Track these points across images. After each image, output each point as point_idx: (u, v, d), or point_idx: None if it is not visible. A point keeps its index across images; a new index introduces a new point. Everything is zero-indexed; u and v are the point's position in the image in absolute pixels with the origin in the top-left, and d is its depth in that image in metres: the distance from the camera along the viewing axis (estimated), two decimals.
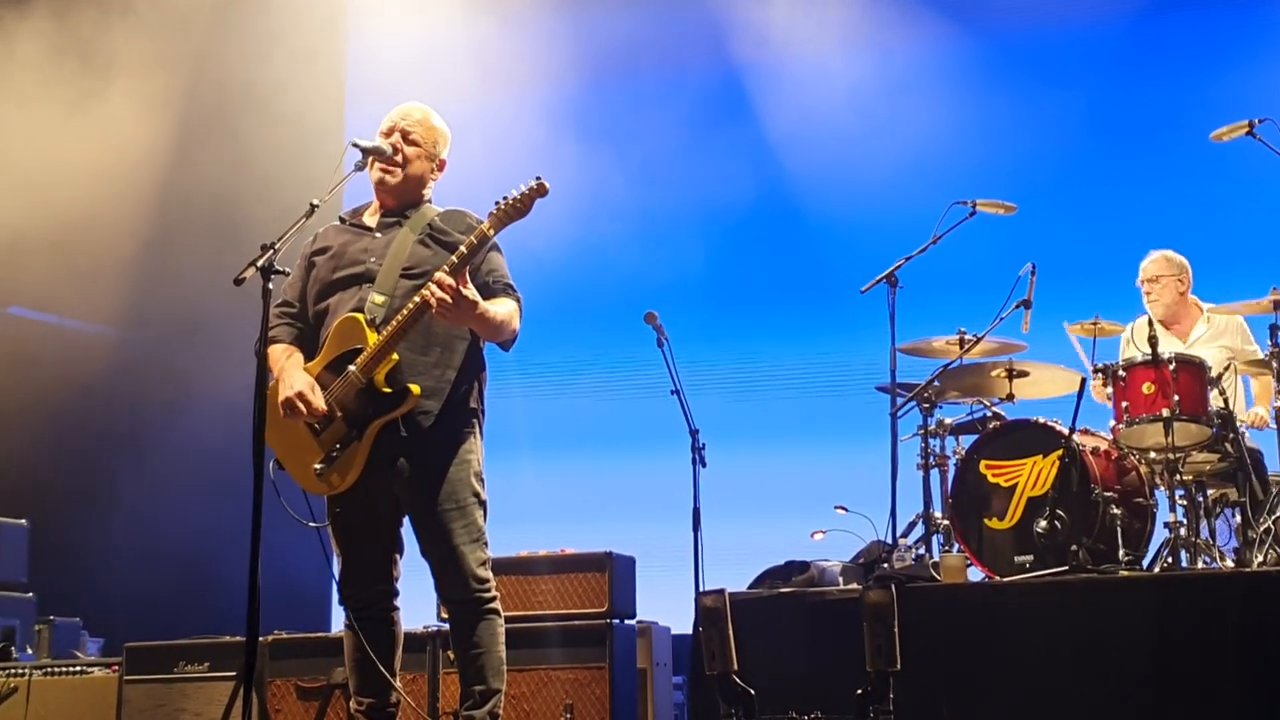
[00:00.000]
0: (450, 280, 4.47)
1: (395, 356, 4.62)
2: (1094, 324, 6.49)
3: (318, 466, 4.67)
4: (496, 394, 4.96)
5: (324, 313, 4.81)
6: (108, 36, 8.30)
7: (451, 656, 5.96)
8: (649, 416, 7.91)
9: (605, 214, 9.42)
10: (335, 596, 4.91)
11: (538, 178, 4.54)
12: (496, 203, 4.56)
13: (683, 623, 6.56)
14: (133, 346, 10.09)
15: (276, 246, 4.44)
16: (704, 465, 6.91)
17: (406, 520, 4.79)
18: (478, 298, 4.56)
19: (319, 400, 4.64)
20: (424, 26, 9.67)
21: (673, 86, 9.95)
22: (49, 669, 6.84)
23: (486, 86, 9.53)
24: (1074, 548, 5.76)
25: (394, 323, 4.59)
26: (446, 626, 6.07)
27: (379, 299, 4.69)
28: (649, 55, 9.86)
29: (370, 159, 4.84)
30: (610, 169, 9.50)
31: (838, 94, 9.16)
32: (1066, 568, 5.70)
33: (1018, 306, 6.45)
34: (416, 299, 4.55)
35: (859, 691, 4.83)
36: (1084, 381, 6.21)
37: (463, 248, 4.53)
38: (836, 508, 6.89)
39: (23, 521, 7.25)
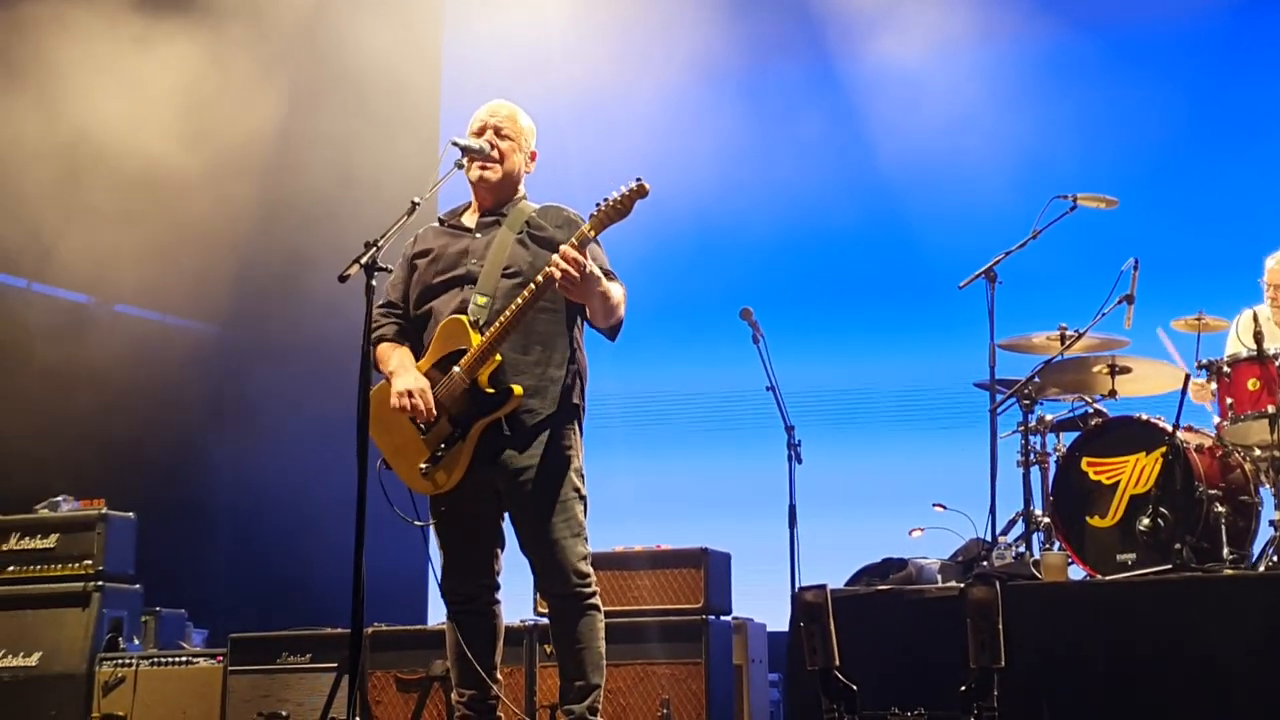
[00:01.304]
0: (575, 254, 4.50)
1: (499, 357, 4.67)
2: (1198, 319, 6.39)
3: (423, 466, 4.73)
4: (592, 389, 4.99)
5: (427, 315, 4.87)
6: (216, 40, 8.43)
7: (549, 650, 6.03)
8: (744, 413, 7.91)
9: (699, 209, 9.43)
10: (435, 590, 4.96)
11: (638, 179, 4.55)
12: (597, 204, 4.58)
13: (778, 620, 6.56)
14: (236, 342, 10.25)
15: (380, 244, 4.49)
16: (800, 461, 6.91)
17: (507, 515, 4.83)
18: (600, 274, 4.59)
19: (430, 401, 4.69)
20: (519, 23, 9.72)
21: (769, 81, 9.94)
22: (156, 659, 6.97)
23: (580, 80, 9.56)
24: (1177, 546, 5.68)
25: (498, 323, 4.63)
26: (544, 621, 6.13)
27: (481, 300, 4.74)
28: (742, 49, 9.84)
29: (469, 157, 4.89)
30: (705, 163, 9.51)
31: (936, 88, 9.10)
32: (1170, 566, 5.62)
33: (1120, 302, 6.37)
34: (525, 294, 4.60)
35: (963, 688, 4.80)
36: (1187, 378, 6.12)
37: (585, 226, 4.56)
38: (934, 505, 6.85)
39: (130, 515, 7.38)
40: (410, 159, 9.37)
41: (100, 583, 7.15)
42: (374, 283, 4.50)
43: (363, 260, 4.46)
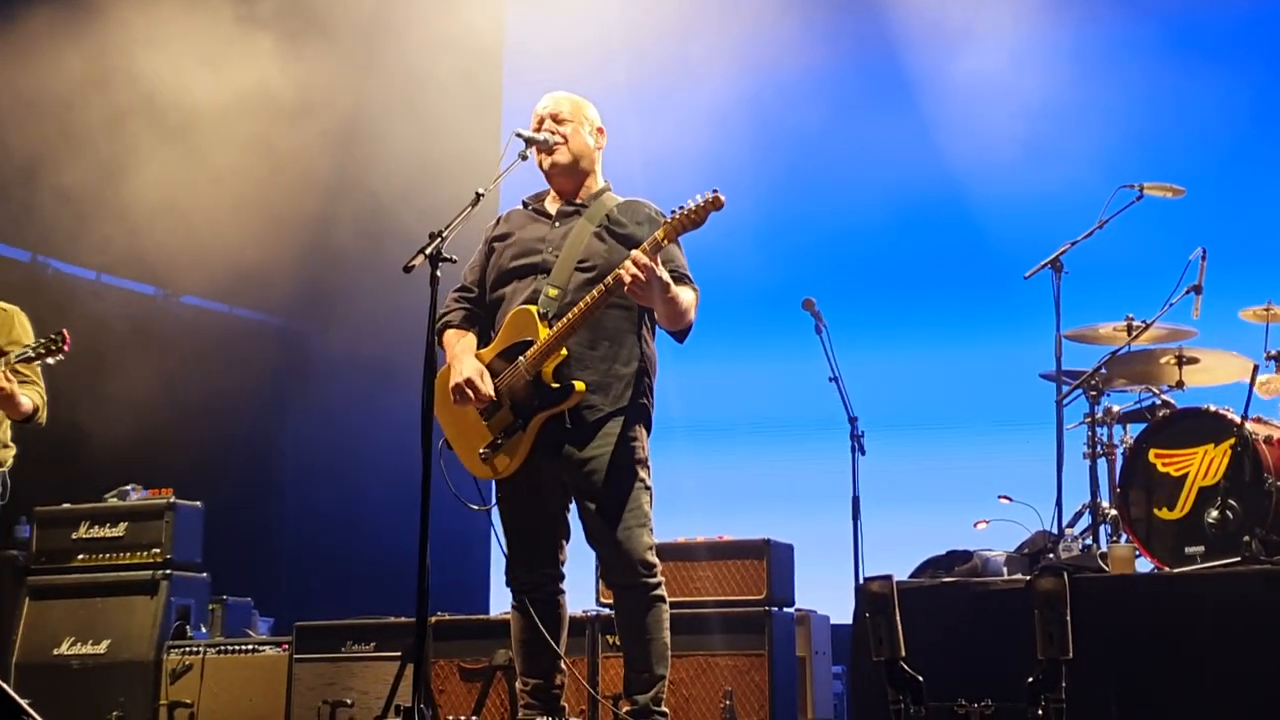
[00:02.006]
0: (647, 260, 4.51)
1: (564, 351, 4.68)
2: (1266, 309, 6.32)
3: (483, 451, 4.77)
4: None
5: (500, 300, 4.90)
6: (284, 35, 8.49)
7: (613, 641, 6.04)
8: (807, 404, 7.88)
9: (763, 199, 9.40)
10: (498, 581, 4.98)
11: (714, 190, 4.52)
12: (673, 211, 4.58)
13: (842, 612, 6.54)
14: (300, 334, 10.34)
15: (444, 235, 4.52)
16: (863, 453, 6.88)
17: (574, 506, 4.85)
18: (668, 279, 4.60)
19: (487, 387, 4.73)
20: (580, 15, 9.72)
21: (833, 70, 9.89)
22: (222, 647, 7.04)
23: (642, 72, 9.56)
24: (1246, 538, 5.61)
25: (566, 318, 4.65)
26: (606, 611, 6.15)
27: (553, 292, 4.76)
28: (808, 39, 9.81)
29: (534, 149, 4.90)
30: (769, 153, 9.49)
31: (1000, 78, 9.03)
32: (1239, 559, 5.56)
33: (1188, 292, 6.31)
34: (594, 293, 4.62)
35: (1030, 680, 4.77)
36: (1255, 369, 6.05)
37: (658, 233, 4.57)
38: (1000, 497, 6.82)
39: (198, 504, 7.45)
40: (475, 150, 9.40)
41: (168, 571, 7.22)
42: (438, 273, 4.52)
43: (427, 251, 4.50)
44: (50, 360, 5.61)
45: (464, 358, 4.82)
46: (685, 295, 4.73)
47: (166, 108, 8.17)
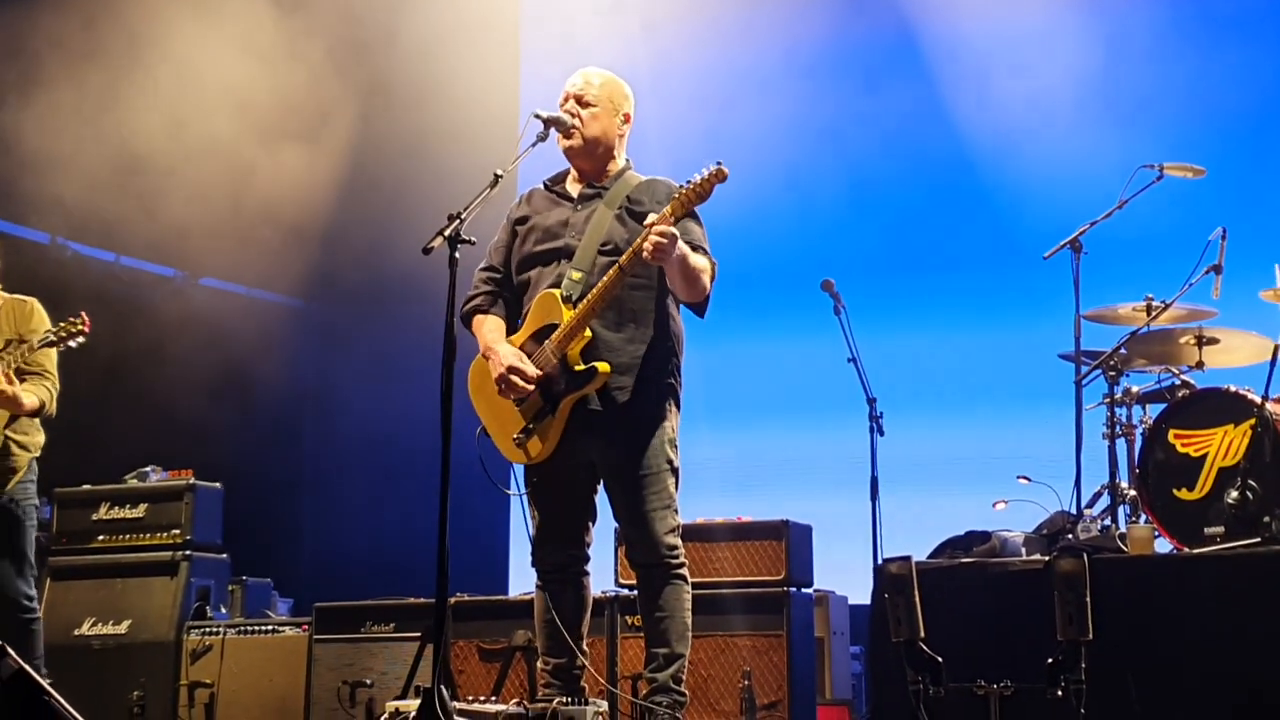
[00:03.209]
0: (669, 228, 4.50)
1: (589, 333, 4.69)
2: None
3: (516, 436, 4.80)
4: None
5: (525, 284, 4.92)
6: (298, 20, 8.51)
7: (632, 621, 6.06)
8: (826, 384, 7.87)
9: (781, 180, 9.39)
10: (516, 561, 5.01)
11: (718, 163, 4.53)
12: (680, 187, 4.58)
13: (860, 593, 6.54)
14: (320, 316, 10.36)
15: (463, 216, 4.52)
16: (882, 434, 6.88)
17: (601, 487, 4.86)
18: (685, 247, 4.60)
19: (530, 368, 4.73)
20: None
21: (847, 49, 9.87)
22: (242, 628, 7.07)
23: (658, 54, 9.54)
24: (1266, 519, 5.60)
25: (587, 300, 4.65)
26: (626, 592, 6.16)
27: (576, 275, 4.76)
28: (820, 18, 9.78)
29: (553, 129, 4.89)
30: (788, 134, 9.47)
31: (1016, 55, 9.01)
32: (1258, 540, 5.54)
33: (1208, 272, 6.28)
34: (615, 267, 4.62)
35: (1050, 661, 4.77)
36: (1276, 349, 6.02)
37: (665, 210, 4.56)
38: (1019, 477, 6.81)
39: (217, 485, 7.47)
40: (492, 130, 9.41)
41: (188, 552, 7.24)
42: (457, 255, 4.52)
43: (446, 233, 4.50)
44: (72, 344, 5.67)
45: (499, 345, 4.83)
46: (699, 259, 4.73)
47: (183, 90, 8.18)
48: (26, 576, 6.02)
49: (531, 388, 4.73)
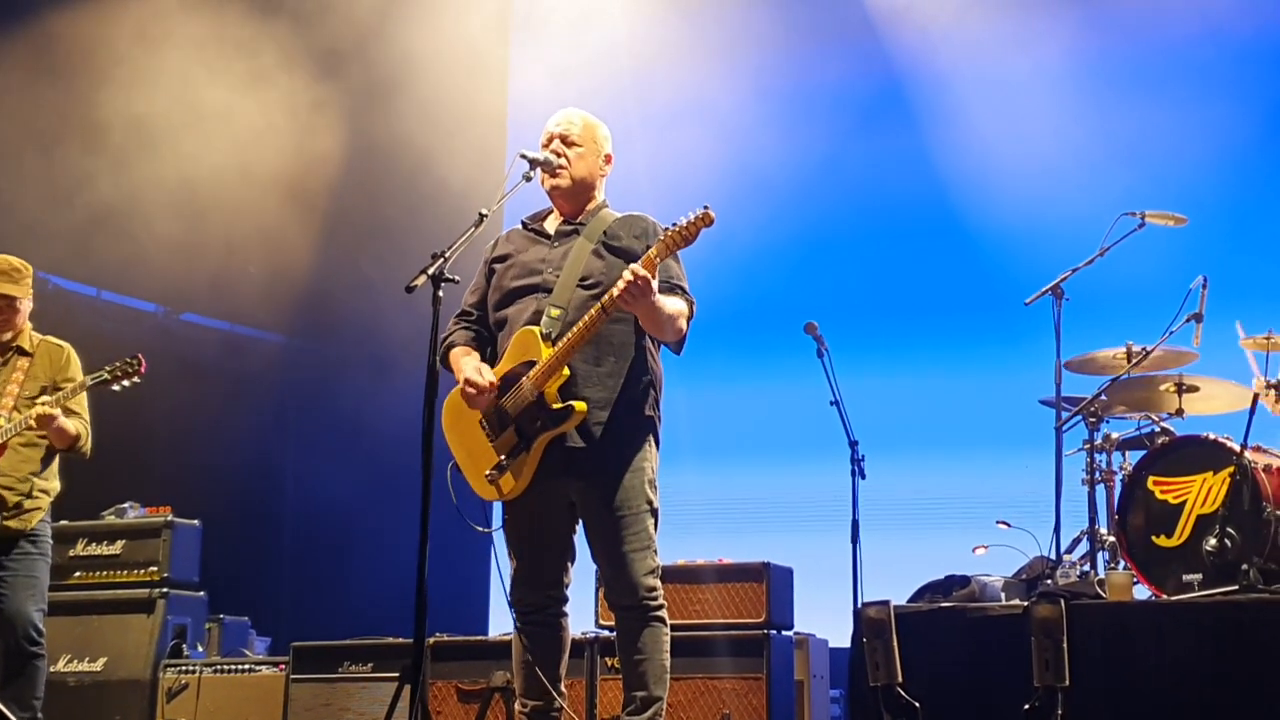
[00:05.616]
0: (644, 272, 4.50)
1: (567, 371, 4.68)
2: (1267, 338, 6.31)
3: (488, 472, 4.76)
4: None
5: (503, 322, 4.90)
6: (284, 53, 8.53)
7: (611, 663, 6.04)
8: (809, 426, 7.88)
9: (763, 221, 9.41)
10: (496, 602, 4.98)
11: (705, 207, 4.53)
12: (665, 229, 4.59)
13: (840, 636, 6.52)
14: (302, 353, 10.34)
15: (447, 255, 4.53)
16: (863, 477, 6.86)
17: (580, 528, 4.85)
18: (655, 290, 4.59)
19: (486, 375, 4.74)
20: (586, 37, 9.76)
21: (831, 93, 9.92)
22: (219, 666, 7.03)
23: (648, 93, 9.59)
24: (1244, 567, 5.60)
25: (566, 338, 4.64)
26: (605, 633, 6.14)
27: (555, 312, 4.75)
28: (802, 64, 9.84)
29: (538, 169, 4.91)
30: (771, 177, 9.50)
31: (1001, 102, 9.06)
32: (1236, 587, 5.55)
33: (1188, 320, 6.32)
34: (592, 311, 4.61)
35: (1026, 707, 4.77)
36: (1256, 396, 6.05)
37: (650, 251, 4.55)
38: (998, 522, 6.81)
39: (195, 522, 7.44)
40: (478, 170, 9.42)
41: (165, 589, 7.21)
42: (440, 293, 4.53)
43: (430, 271, 4.50)
44: (126, 383, 5.72)
45: (463, 359, 4.85)
46: (670, 304, 4.72)
47: (165, 124, 8.19)
48: (39, 610, 5.97)
49: (488, 397, 4.72)
